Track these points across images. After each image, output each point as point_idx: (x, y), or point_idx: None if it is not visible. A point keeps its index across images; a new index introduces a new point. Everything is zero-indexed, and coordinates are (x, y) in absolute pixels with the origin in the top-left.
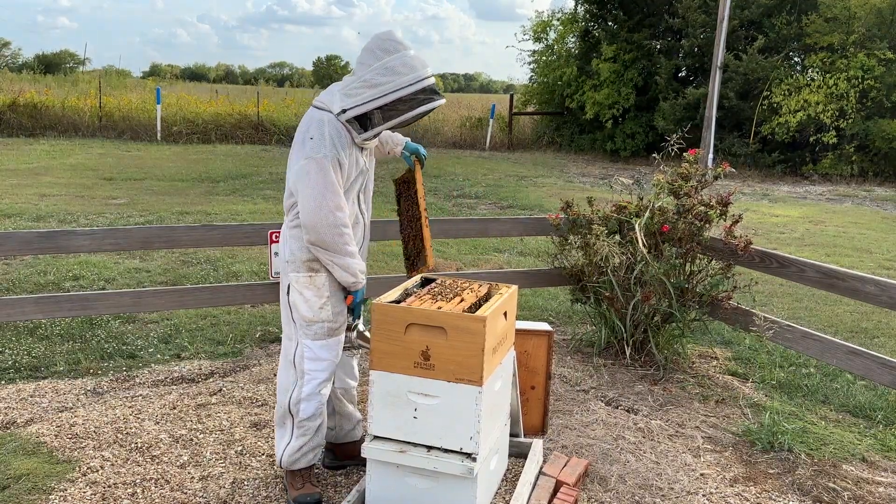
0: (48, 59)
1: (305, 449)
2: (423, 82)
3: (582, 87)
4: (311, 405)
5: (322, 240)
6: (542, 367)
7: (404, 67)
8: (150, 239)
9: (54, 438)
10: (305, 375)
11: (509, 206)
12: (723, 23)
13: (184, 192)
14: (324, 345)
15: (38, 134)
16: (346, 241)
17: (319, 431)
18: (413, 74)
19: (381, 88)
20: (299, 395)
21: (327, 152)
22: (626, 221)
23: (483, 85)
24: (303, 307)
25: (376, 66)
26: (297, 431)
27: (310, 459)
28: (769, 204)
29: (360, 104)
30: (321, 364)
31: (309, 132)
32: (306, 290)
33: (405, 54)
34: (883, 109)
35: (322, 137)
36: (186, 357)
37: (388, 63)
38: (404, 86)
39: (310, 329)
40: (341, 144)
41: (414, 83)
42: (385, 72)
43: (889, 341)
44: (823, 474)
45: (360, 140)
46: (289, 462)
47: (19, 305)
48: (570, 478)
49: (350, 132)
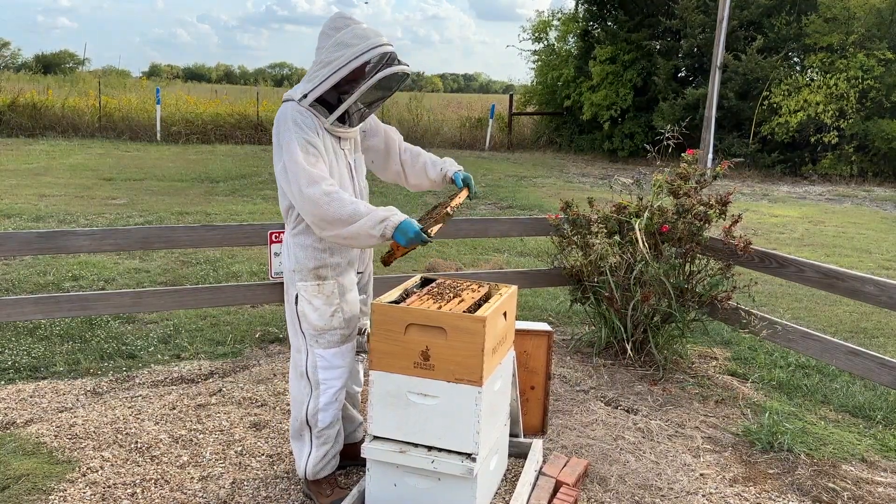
0: (47, 60)
1: (329, 457)
2: (376, 49)
3: (580, 87)
4: (328, 414)
5: (323, 218)
6: (542, 367)
7: (354, 38)
8: (150, 239)
9: (54, 439)
10: (321, 385)
11: (509, 206)
12: (722, 23)
13: (183, 193)
14: (337, 353)
15: (38, 134)
16: (341, 203)
17: (339, 437)
18: (364, 43)
19: (335, 63)
20: (316, 406)
21: (292, 135)
22: (626, 222)
23: (483, 85)
24: (312, 316)
25: (328, 45)
26: (317, 441)
27: (333, 466)
28: (769, 204)
29: (317, 84)
30: (336, 372)
31: (277, 128)
32: (315, 299)
33: (355, 27)
34: (882, 109)
35: (286, 127)
36: (186, 357)
37: (338, 38)
38: (356, 55)
39: (322, 338)
40: (306, 125)
41: (366, 51)
42: (336, 47)
43: (889, 341)
44: (823, 474)
45: (328, 124)
46: (314, 473)
47: (19, 305)
48: (569, 478)
49: (317, 117)
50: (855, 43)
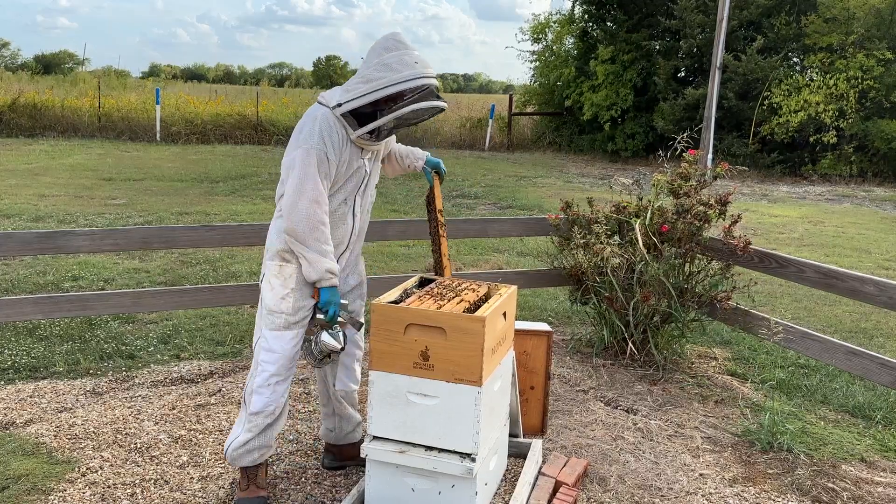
0: (47, 60)
1: (250, 446)
2: (418, 80)
3: (580, 87)
4: (261, 399)
5: (293, 229)
6: (542, 367)
7: (399, 64)
8: (150, 239)
9: (53, 439)
10: (259, 366)
11: (509, 206)
12: (722, 23)
13: (183, 193)
14: (278, 336)
15: (38, 134)
16: (317, 236)
17: (268, 431)
18: (408, 71)
19: (375, 83)
20: (251, 386)
21: (314, 143)
22: (626, 222)
23: (483, 85)
24: (268, 295)
25: (374, 63)
26: (247, 425)
27: (255, 458)
28: (768, 204)
29: (353, 98)
30: (272, 356)
31: (303, 125)
32: (274, 279)
33: (405, 52)
34: (882, 110)
35: (312, 130)
36: (186, 357)
37: (385, 59)
38: (397, 81)
39: (269, 318)
40: (331, 140)
41: (407, 80)
42: (381, 68)
43: (888, 341)
44: (822, 474)
45: (355, 136)
46: (232, 456)
47: (19, 306)
48: (569, 478)
49: (346, 128)
50: (855, 43)
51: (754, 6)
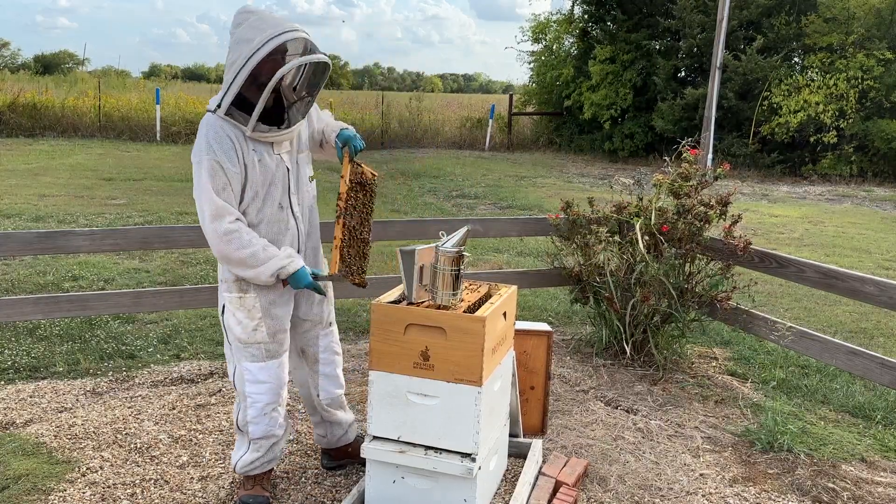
0: (47, 60)
1: (258, 463)
2: (274, 40)
3: (579, 87)
4: (259, 427)
5: (217, 253)
6: (542, 367)
7: (251, 31)
8: (150, 239)
9: (53, 439)
10: (248, 399)
11: (508, 206)
12: (722, 23)
13: (183, 193)
14: (262, 367)
15: (38, 134)
16: (236, 245)
17: (274, 448)
18: (261, 36)
19: (237, 64)
20: (245, 418)
21: (203, 156)
22: (626, 222)
23: (482, 85)
24: (237, 329)
25: (231, 45)
26: (252, 447)
27: (264, 468)
28: (768, 204)
29: (226, 91)
30: (262, 387)
31: (197, 137)
32: (238, 312)
33: (253, 19)
34: (882, 110)
35: (200, 143)
36: (186, 357)
37: (238, 36)
38: (254, 51)
39: (247, 351)
40: (222, 147)
41: (263, 44)
42: (237, 45)
43: (888, 341)
44: (823, 474)
45: (250, 132)
46: (243, 471)
47: (19, 306)
48: (569, 478)
49: (238, 127)
50: (855, 43)
51: (754, 6)
